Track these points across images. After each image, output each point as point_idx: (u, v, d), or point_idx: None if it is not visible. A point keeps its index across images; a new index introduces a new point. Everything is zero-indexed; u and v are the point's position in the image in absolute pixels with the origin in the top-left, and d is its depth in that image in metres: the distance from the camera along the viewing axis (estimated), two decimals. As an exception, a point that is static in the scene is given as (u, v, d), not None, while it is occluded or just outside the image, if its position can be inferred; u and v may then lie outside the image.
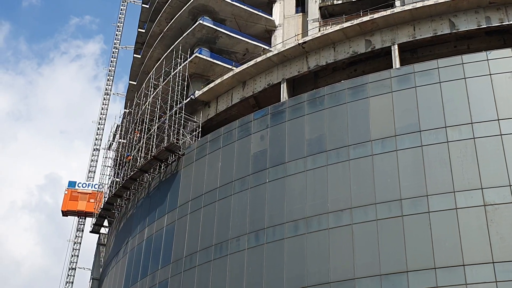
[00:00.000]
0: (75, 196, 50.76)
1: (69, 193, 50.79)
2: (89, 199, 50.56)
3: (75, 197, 50.75)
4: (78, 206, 50.56)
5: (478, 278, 24.34)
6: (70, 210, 50.60)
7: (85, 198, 50.72)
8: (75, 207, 50.44)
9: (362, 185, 28.27)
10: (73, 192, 50.96)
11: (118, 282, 38.84)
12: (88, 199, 50.59)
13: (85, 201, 50.57)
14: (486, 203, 25.65)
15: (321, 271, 27.25)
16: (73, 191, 50.99)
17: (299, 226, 28.97)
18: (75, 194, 50.90)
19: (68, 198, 50.63)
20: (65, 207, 50.37)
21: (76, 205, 50.51)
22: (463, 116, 27.86)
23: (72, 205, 50.45)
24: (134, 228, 39.10)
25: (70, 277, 49.11)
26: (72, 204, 50.48)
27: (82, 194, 50.99)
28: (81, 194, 50.99)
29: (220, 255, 31.23)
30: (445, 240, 25.52)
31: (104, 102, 59.27)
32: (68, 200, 50.59)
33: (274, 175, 31.23)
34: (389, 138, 28.72)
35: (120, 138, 47.99)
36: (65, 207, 50.35)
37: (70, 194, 50.76)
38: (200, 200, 34.14)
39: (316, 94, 32.21)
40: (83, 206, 50.45)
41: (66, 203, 50.53)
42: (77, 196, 50.87)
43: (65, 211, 50.51)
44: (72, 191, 50.95)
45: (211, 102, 39.80)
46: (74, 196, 50.75)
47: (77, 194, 50.94)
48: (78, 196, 50.91)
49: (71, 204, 50.47)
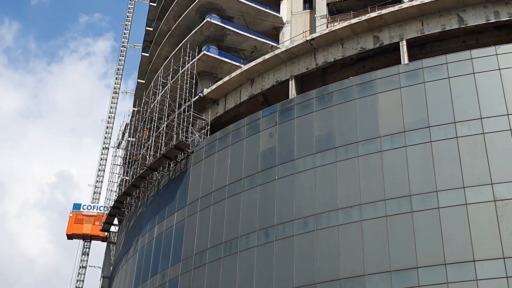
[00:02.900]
0: (80, 219, 49.32)
1: (74, 216, 49.28)
2: (94, 221, 48.99)
3: (80, 220, 49.31)
4: (83, 229, 48.95)
5: (489, 274, 24.26)
6: (75, 234, 49.01)
7: (90, 221, 49.02)
8: (80, 230, 49.04)
9: (371, 182, 28.23)
10: (78, 214, 49.47)
11: (129, 280, 39.01)
12: (93, 221, 48.99)
13: (90, 223, 48.91)
14: (496, 198, 25.53)
15: (331, 268, 27.25)
16: (78, 214, 49.41)
17: (308, 223, 28.97)
18: (80, 217, 49.45)
19: (73, 221, 49.14)
20: (70, 230, 49.02)
21: (81, 228, 49.06)
22: (472, 111, 27.73)
23: (77, 228, 49.04)
24: (144, 226, 39.25)
25: (81, 275, 49.38)
26: (77, 227, 49.06)
27: (87, 216, 49.34)
28: (86, 216, 49.38)
29: (230, 253, 31.29)
30: (455, 236, 25.44)
31: (113, 101, 59.52)
32: (73, 223, 49.13)
33: (283, 172, 31.24)
34: (398, 134, 28.64)
35: (129, 136, 48.16)
36: (70, 231, 49.00)
37: (75, 217, 49.26)
38: (209, 197, 34.21)
39: (325, 91, 32.17)
40: (88, 229, 48.90)
41: (71, 226, 49.08)
42: (82, 219, 49.29)
43: (70, 235, 49.10)
44: (77, 214, 49.30)
45: (220, 100, 39.84)
46: (79, 219, 49.32)
47: (82, 217, 49.37)
48: (83, 219, 49.30)
49: (76, 227, 49.03)
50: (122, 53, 64.61)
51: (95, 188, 54.02)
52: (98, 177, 54.77)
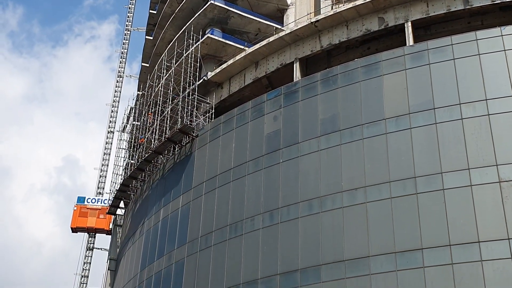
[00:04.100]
0: (84, 213, 48.96)
1: (78, 209, 48.98)
2: (98, 215, 48.75)
3: (84, 213, 48.96)
4: (87, 223, 48.69)
5: (494, 255, 24.36)
6: (79, 227, 48.79)
7: (95, 214, 48.72)
8: (84, 223, 48.76)
9: (376, 164, 28.28)
10: (82, 208, 49.15)
11: (135, 262, 39.36)
12: (98, 215, 48.74)
13: (95, 217, 48.63)
14: (501, 179, 25.55)
15: (336, 249, 27.42)
16: (82, 207, 49.09)
17: (313, 205, 29.10)
18: (84, 210, 49.09)
19: (77, 214, 48.86)
20: (74, 224, 48.78)
21: (85, 221, 48.76)
22: (478, 92, 27.66)
23: (82, 222, 48.76)
24: (149, 209, 39.49)
25: (88, 258, 49.74)
26: (82, 220, 48.77)
27: (92, 210, 49.00)
28: (91, 210, 49.03)
29: (235, 235, 31.50)
30: (460, 217, 25.53)
31: (117, 85, 59.46)
32: (77, 217, 48.85)
33: (287, 155, 31.31)
34: (403, 116, 28.62)
35: (134, 120, 48.25)
36: (75, 224, 48.75)
37: (79, 210, 48.97)
38: (214, 181, 34.35)
39: (329, 73, 32.10)
40: (92, 223, 48.60)
41: (75, 219, 48.80)
42: (86, 212, 48.91)
43: (74, 228, 48.91)
44: (81, 207, 49.00)
45: (224, 83, 39.81)
46: (83, 212, 48.97)
47: (86, 210, 49.00)
48: (87, 212, 48.91)
49: (80, 220, 48.74)
50: (126, 36, 64.46)
51: (100, 172, 54.18)
52: (104, 161, 54.91)
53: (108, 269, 45.74)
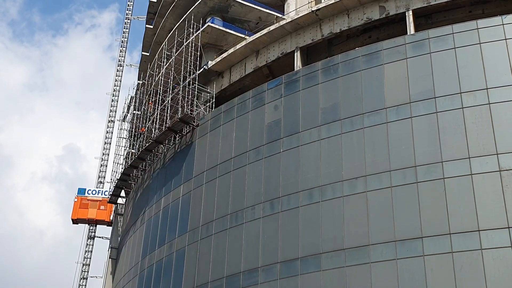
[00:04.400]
0: (85, 204, 48.89)
1: (79, 201, 48.89)
2: (99, 206, 48.73)
3: (85, 204, 48.89)
4: (88, 214, 48.62)
5: (494, 243, 24.44)
6: (80, 218, 48.76)
7: (95, 206, 48.67)
8: (85, 215, 48.69)
9: (376, 153, 28.30)
10: (83, 199, 49.06)
11: (137, 250, 39.52)
12: (98, 206, 48.71)
13: (95, 208, 48.58)
14: (501, 168, 25.59)
15: (336, 238, 27.52)
16: (83, 199, 49.00)
17: (313, 195, 29.17)
18: (85, 201, 49.01)
19: (78, 206, 48.78)
20: (75, 215, 48.69)
21: (86, 213, 48.69)
22: (478, 81, 27.62)
23: (82, 213, 48.67)
24: (150, 198, 39.59)
25: (89, 246, 49.91)
26: (82, 212, 48.70)
27: (92, 201, 48.93)
28: (91, 201, 48.96)
29: (235, 224, 31.60)
30: (460, 206, 25.59)
31: (118, 74, 59.29)
32: (78, 208, 48.76)
33: (288, 145, 31.33)
34: (403, 105, 28.61)
35: (135, 109, 48.23)
36: (75, 215, 48.67)
37: (80, 201, 48.89)
38: (215, 170, 34.41)
39: (330, 62, 32.05)
40: (93, 214, 48.52)
41: (76, 211, 48.72)
42: (87, 204, 48.86)
43: (75, 220, 48.85)
44: (82, 199, 48.92)
45: (225, 72, 39.75)
46: (84, 204, 48.91)
47: (87, 201, 48.92)
48: (88, 203, 48.85)
49: (81, 212, 48.67)
50: (126, 25, 64.21)
51: (101, 161, 54.21)
52: (105, 150, 54.92)
53: (109, 258, 45.94)
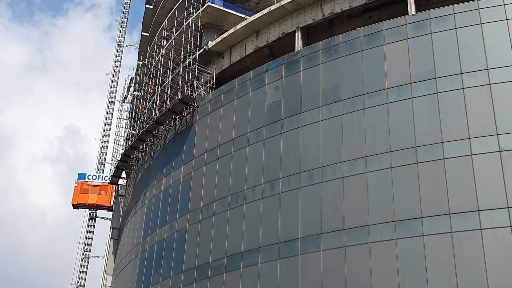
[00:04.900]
0: (85, 189, 48.93)
1: (79, 186, 48.95)
2: (99, 191, 48.80)
3: (85, 189, 48.92)
4: (88, 199, 48.71)
5: (493, 223, 24.55)
6: (80, 203, 48.80)
7: (96, 191, 48.73)
8: (85, 200, 48.75)
9: (377, 134, 28.31)
10: (83, 184, 49.08)
11: (138, 230, 39.74)
12: (99, 191, 48.79)
13: (96, 193, 48.66)
14: (501, 149, 25.62)
15: (336, 218, 27.65)
16: (83, 184, 49.03)
17: (314, 175, 29.24)
18: (85, 186, 49.03)
19: (79, 191, 48.84)
20: (75, 200, 48.77)
21: (86, 198, 48.76)
22: (479, 62, 27.53)
23: (83, 198, 48.74)
24: (151, 179, 39.71)
25: (91, 227, 50.17)
26: (83, 197, 48.76)
27: (93, 186, 48.98)
28: (92, 186, 49.01)
29: (236, 205, 31.73)
30: (460, 186, 25.66)
31: (118, 54, 59.03)
32: (78, 193, 48.81)
33: (289, 126, 31.33)
34: (404, 86, 28.55)
35: (135, 90, 48.14)
36: (76, 200, 48.75)
37: (80, 186, 48.93)
38: (215, 151, 34.45)
39: (331, 43, 31.91)
40: (94, 199, 48.61)
41: (76, 196, 48.79)
42: (87, 189, 48.88)
43: (75, 204, 48.95)
44: (82, 184, 48.96)
45: (225, 53, 39.60)
46: (85, 189, 48.94)
47: (87, 186, 48.96)
48: (88, 188, 48.88)
49: (81, 197, 48.74)
50: (125, 5, 63.76)
51: (102, 142, 54.24)
52: (105, 131, 54.91)
53: (110, 238, 46.24)
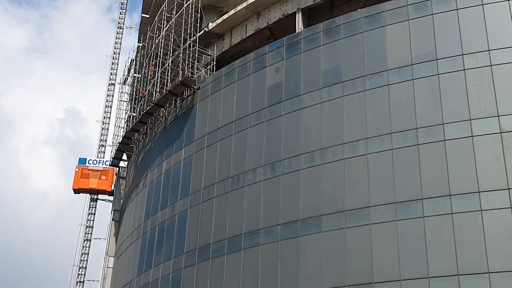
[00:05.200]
0: (86, 174, 48.46)
1: (80, 171, 48.49)
2: (100, 176, 48.35)
3: (86, 174, 48.45)
4: (89, 184, 48.20)
5: (493, 205, 24.63)
6: (81, 188, 48.43)
7: (96, 176, 48.28)
8: (86, 184, 48.26)
9: (378, 115, 28.30)
10: (84, 169, 48.57)
11: (139, 212, 39.92)
12: (100, 176, 48.32)
13: (97, 178, 48.22)
14: (502, 130, 25.62)
15: (336, 200, 27.75)
16: (84, 169, 48.53)
17: (314, 157, 29.28)
18: (86, 171, 48.54)
19: (79, 176, 48.44)
20: (76, 185, 48.37)
21: (87, 182, 48.27)
22: (480, 43, 27.43)
23: (84, 183, 48.26)
24: (152, 162, 39.79)
25: (92, 209, 50.30)
26: (83, 182, 48.28)
27: (93, 171, 48.46)
28: (92, 171, 48.48)
29: (237, 187, 31.82)
30: (460, 168, 25.71)
31: (118, 36, 58.63)
32: (79, 178, 48.40)
33: (289, 108, 31.31)
34: (405, 67, 28.48)
35: (135, 72, 48.00)
36: (76, 185, 48.35)
37: (80, 171, 48.48)
38: (216, 133, 34.47)
39: (332, 24, 31.76)
40: (94, 184, 48.11)
41: (77, 181, 48.37)
42: (88, 174, 48.40)
43: (76, 189, 48.63)
44: (82, 169, 48.48)
45: (225, 35, 39.43)
46: (85, 174, 48.47)
47: (88, 171, 48.47)
48: (89, 173, 48.40)
49: (82, 182, 48.25)
50: (125, -13, 63.13)
51: (102, 125, 54.15)
52: (106, 113, 54.75)
53: (112, 220, 46.43)
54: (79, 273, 47.72)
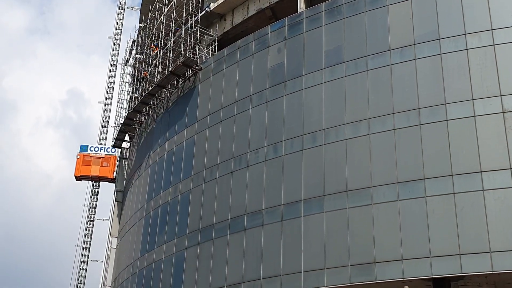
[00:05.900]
0: (87, 161, 48.51)
1: (82, 158, 48.53)
2: (102, 163, 48.34)
3: (87, 161, 48.51)
4: (91, 171, 48.28)
5: (495, 184, 24.69)
6: (83, 175, 48.50)
7: (98, 163, 48.29)
8: (88, 172, 48.36)
9: (380, 95, 28.25)
10: (86, 156, 48.59)
11: (142, 193, 40.09)
12: (101, 163, 48.33)
13: (98, 165, 48.23)
14: (504, 110, 25.57)
15: (338, 180, 27.81)
16: (86, 156, 48.54)
17: (317, 138, 29.30)
18: (88, 158, 48.57)
19: (81, 163, 48.51)
20: (78, 172, 48.47)
21: (89, 169, 48.34)
22: (483, 22, 27.24)
23: (85, 170, 48.36)
24: (154, 143, 39.85)
25: (95, 190, 50.53)
26: (85, 169, 48.39)
27: (95, 158, 48.45)
28: (94, 158, 48.48)
29: (239, 167, 31.90)
30: (462, 148, 25.72)
31: (119, 17, 58.36)
32: (81, 165, 48.48)
33: (291, 88, 31.24)
34: (408, 47, 28.34)
35: (137, 53, 47.85)
36: (78, 172, 48.46)
37: (82, 158, 48.52)
38: (218, 114, 34.46)
39: (334, 4, 31.55)
40: (96, 171, 48.20)
41: (79, 168, 48.45)
42: (89, 161, 48.44)
43: (78, 176, 48.73)
44: (84, 156, 48.48)
45: (227, 15, 39.22)
46: (87, 161, 48.52)
47: (89, 158, 48.49)
48: (90, 160, 48.43)
49: (84, 169, 48.35)
50: (126, -33, 62.62)
51: (105, 106, 54.15)
52: (108, 94, 54.74)
53: (115, 201, 46.66)
54: (83, 253, 48.14)
